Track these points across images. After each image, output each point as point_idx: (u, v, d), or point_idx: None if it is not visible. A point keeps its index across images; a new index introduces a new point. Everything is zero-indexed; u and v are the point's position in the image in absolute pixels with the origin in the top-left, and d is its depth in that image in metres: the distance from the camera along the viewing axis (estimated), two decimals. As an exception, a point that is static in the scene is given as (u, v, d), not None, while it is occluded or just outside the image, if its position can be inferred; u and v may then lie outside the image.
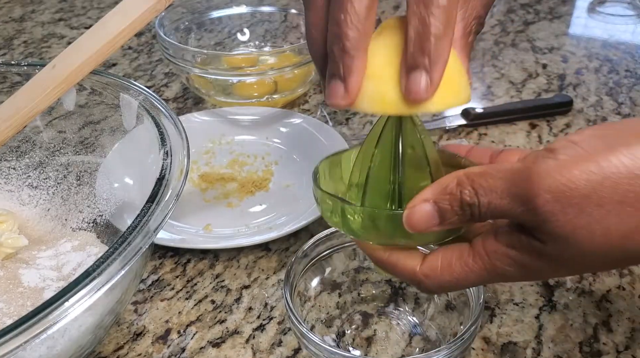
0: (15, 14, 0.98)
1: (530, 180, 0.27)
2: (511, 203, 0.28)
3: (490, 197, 0.29)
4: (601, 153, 0.27)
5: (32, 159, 0.51)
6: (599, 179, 0.26)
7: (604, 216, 0.26)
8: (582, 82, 0.74)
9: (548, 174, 0.27)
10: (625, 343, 0.42)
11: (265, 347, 0.43)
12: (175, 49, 0.67)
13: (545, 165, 0.27)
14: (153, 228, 0.34)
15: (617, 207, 0.26)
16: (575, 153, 0.27)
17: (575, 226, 0.27)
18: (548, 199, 0.27)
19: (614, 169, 0.26)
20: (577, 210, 0.27)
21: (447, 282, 0.32)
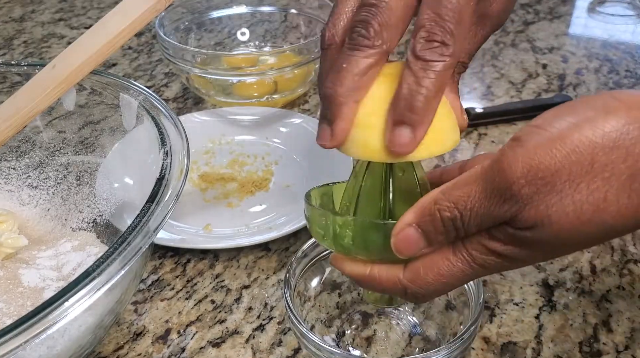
0: (15, 14, 0.98)
1: (502, 172, 0.28)
2: (491, 202, 0.28)
3: (469, 204, 0.29)
4: (564, 130, 0.27)
5: (32, 159, 0.51)
6: (565, 155, 0.27)
7: (575, 190, 0.27)
8: (582, 83, 0.74)
9: (518, 161, 0.27)
10: (625, 343, 0.42)
11: (265, 347, 0.43)
12: (175, 49, 0.67)
13: (513, 153, 0.28)
14: (153, 228, 0.34)
15: (586, 179, 0.27)
16: (539, 136, 0.28)
17: (549, 205, 0.27)
18: (523, 183, 0.27)
19: (578, 142, 0.27)
20: (550, 188, 0.27)
21: (433, 284, 0.32)
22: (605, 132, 0.27)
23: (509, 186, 0.28)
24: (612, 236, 0.30)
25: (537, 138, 0.28)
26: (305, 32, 0.79)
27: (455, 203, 0.29)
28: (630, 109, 0.27)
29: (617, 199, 0.27)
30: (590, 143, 0.27)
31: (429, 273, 0.31)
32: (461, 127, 0.34)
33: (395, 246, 0.31)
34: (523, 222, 0.28)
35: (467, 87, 0.75)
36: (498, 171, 0.28)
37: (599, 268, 0.48)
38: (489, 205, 0.28)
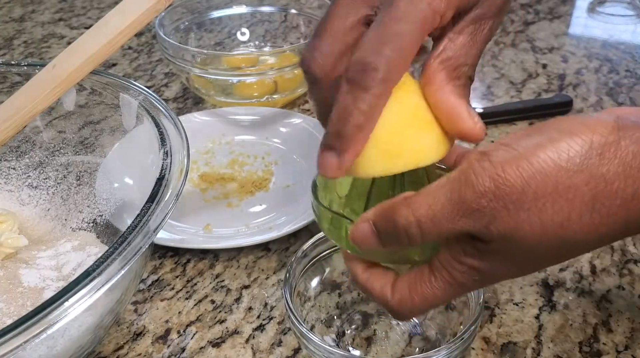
0: (15, 14, 0.98)
1: (470, 184, 0.28)
2: (456, 211, 0.29)
3: (430, 212, 0.29)
4: (530, 150, 0.28)
5: (32, 159, 0.51)
6: (531, 175, 0.28)
7: (541, 209, 0.28)
8: (582, 82, 0.74)
9: (485, 175, 0.28)
10: (625, 343, 0.42)
11: (265, 347, 0.43)
12: (175, 49, 0.67)
13: (481, 168, 0.28)
14: (153, 228, 0.34)
15: (550, 199, 0.28)
16: (507, 153, 0.29)
17: (517, 221, 0.28)
18: (491, 198, 0.28)
19: (543, 164, 0.28)
20: (518, 206, 0.28)
21: (419, 306, 0.32)
22: (569, 156, 0.28)
23: (476, 198, 0.28)
24: (578, 252, 0.31)
25: (505, 154, 0.29)
26: (305, 32, 0.79)
27: (414, 211, 0.30)
28: (594, 134, 0.28)
29: (580, 218, 0.28)
30: (555, 166, 0.28)
31: (416, 297, 0.32)
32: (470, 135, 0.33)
33: (352, 238, 0.32)
34: (493, 236, 0.29)
35: (467, 87, 0.75)
36: (465, 183, 0.29)
37: (599, 268, 0.48)
38: (452, 215, 0.29)
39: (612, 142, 0.28)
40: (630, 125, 0.29)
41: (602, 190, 0.28)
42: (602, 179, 0.28)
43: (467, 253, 0.30)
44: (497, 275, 0.32)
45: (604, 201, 0.28)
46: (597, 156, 0.28)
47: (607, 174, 0.28)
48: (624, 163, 0.28)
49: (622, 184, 0.28)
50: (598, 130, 0.28)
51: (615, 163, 0.28)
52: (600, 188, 0.28)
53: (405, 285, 0.32)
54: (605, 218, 0.28)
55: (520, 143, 0.29)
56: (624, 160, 0.28)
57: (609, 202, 0.28)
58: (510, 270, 0.32)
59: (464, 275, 0.31)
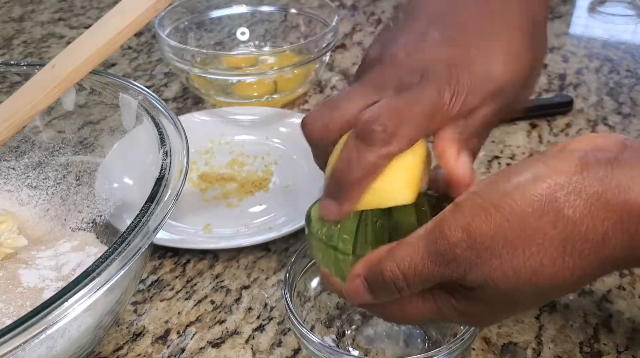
0: (14, 14, 0.98)
1: (443, 235, 0.30)
2: (434, 263, 0.30)
3: (412, 265, 0.31)
4: (496, 197, 0.29)
5: (31, 159, 0.51)
6: (499, 222, 0.29)
7: (512, 255, 0.29)
8: (583, 82, 0.74)
9: (457, 226, 0.29)
10: (626, 344, 0.42)
11: (265, 348, 0.43)
12: (175, 48, 0.67)
13: (453, 219, 0.30)
14: (152, 228, 0.34)
15: (521, 245, 0.29)
16: (475, 203, 0.29)
17: (491, 269, 0.29)
18: (464, 247, 0.29)
19: (510, 210, 0.29)
20: (490, 253, 0.29)
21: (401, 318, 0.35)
22: (534, 200, 0.28)
23: (450, 249, 0.29)
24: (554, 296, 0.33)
25: (473, 204, 0.29)
26: (305, 32, 0.79)
27: (398, 264, 0.31)
28: (558, 176, 0.28)
29: (553, 264, 0.29)
30: (521, 211, 0.28)
31: (401, 311, 0.34)
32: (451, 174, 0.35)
33: (347, 294, 0.34)
34: (470, 283, 0.30)
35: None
36: (439, 235, 0.30)
37: (599, 268, 0.48)
38: (432, 266, 0.30)
39: (575, 183, 0.28)
40: (593, 163, 0.29)
41: (570, 232, 0.28)
42: (569, 221, 0.28)
43: (455, 296, 0.32)
44: (480, 316, 0.33)
45: (574, 243, 0.28)
46: (562, 198, 0.28)
47: (574, 216, 0.28)
48: (589, 204, 0.28)
49: (591, 226, 0.28)
50: (561, 171, 0.29)
51: (580, 204, 0.28)
52: (569, 230, 0.28)
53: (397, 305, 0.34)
54: (579, 260, 0.28)
55: (488, 191, 0.30)
56: (589, 201, 0.28)
57: (580, 245, 0.28)
58: (492, 314, 0.33)
59: (450, 312, 0.33)
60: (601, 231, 0.28)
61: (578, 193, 0.28)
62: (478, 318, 0.33)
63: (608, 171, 0.28)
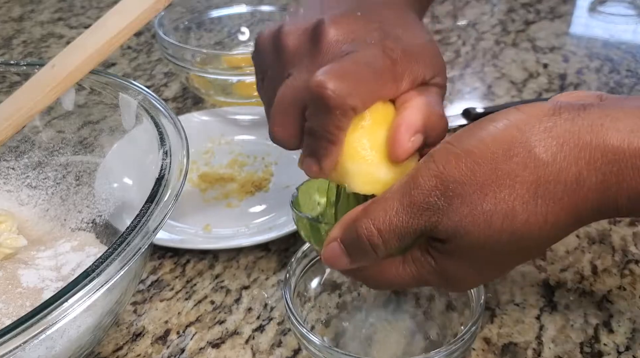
0: (14, 14, 0.98)
1: (417, 185, 0.29)
2: (409, 214, 0.30)
3: (387, 219, 0.30)
4: (469, 144, 0.29)
5: (31, 159, 0.51)
6: (470, 166, 0.28)
7: (483, 199, 0.28)
8: (583, 82, 0.74)
9: (431, 175, 0.29)
10: (626, 344, 0.42)
11: (265, 348, 0.43)
12: (175, 48, 0.67)
13: (426, 168, 0.29)
14: (152, 228, 0.34)
15: (492, 188, 0.28)
16: (449, 151, 0.29)
17: (461, 216, 0.29)
18: (437, 195, 0.29)
19: (480, 153, 0.28)
20: (461, 200, 0.28)
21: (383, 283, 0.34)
22: (504, 141, 0.28)
23: (424, 198, 0.29)
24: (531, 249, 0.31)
25: (447, 153, 0.29)
26: (305, 32, 0.78)
27: (373, 220, 0.30)
28: (530, 118, 0.28)
29: (525, 208, 0.28)
30: (491, 153, 0.28)
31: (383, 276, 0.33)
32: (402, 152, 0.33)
33: (324, 259, 0.33)
34: (442, 233, 0.29)
35: (467, 86, 0.75)
36: (413, 185, 0.29)
37: (600, 268, 0.48)
38: (407, 218, 0.30)
39: (547, 123, 0.28)
40: (566, 106, 0.28)
41: (542, 174, 0.27)
42: (540, 161, 0.27)
43: (431, 253, 0.31)
44: (460, 276, 0.32)
45: (547, 185, 0.27)
46: (533, 138, 0.27)
47: (545, 156, 0.27)
48: (561, 143, 0.27)
49: (564, 165, 0.27)
50: (534, 114, 0.28)
51: (552, 144, 0.27)
52: (541, 171, 0.27)
53: (377, 268, 0.33)
54: (552, 204, 0.28)
55: (462, 140, 0.29)
56: (560, 140, 0.27)
57: (552, 186, 0.27)
58: (472, 272, 0.32)
59: (429, 274, 0.32)
60: (574, 171, 0.27)
61: (549, 132, 0.27)
62: (458, 278, 0.32)
63: (581, 112, 0.28)
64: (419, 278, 0.32)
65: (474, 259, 0.31)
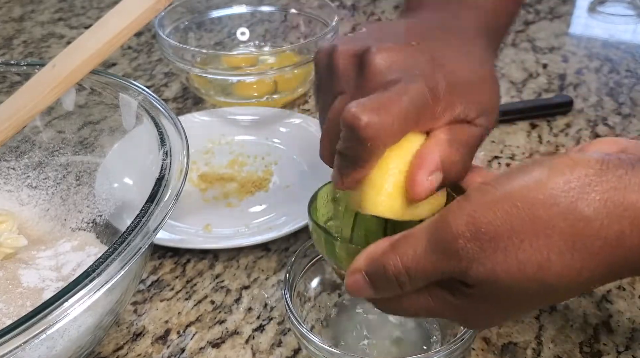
0: (14, 14, 0.98)
1: (447, 225, 0.28)
2: (437, 256, 0.29)
3: (415, 258, 0.29)
4: (509, 188, 0.28)
5: (31, 159, 0.51)
6: (507, 211, 0.27)
7: (518, 248, 0.27)
8: (583, 82, 0.74)
9: (463, 216, 0.28)
10: (626, 344, 0.42)
11: (265, 348, 0.43)
12: (175, 48, 0.67)
13: (460, 209, 0.28)
14: (152, 228, 0.34)
15: (528, 237, 0.27)
16: (487, 193, 0.28)
17: (495, 263, 0.27)
18: (468, 238, 0.27)
19: (520, 198, 0.27)
20: (494, 246, 0.27)
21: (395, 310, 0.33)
22: (546, 189, 0.27)
23: (453, 240, 0.28)
24: (561, 297, 0.30)
25: (485, 195, 0.28)
26: (305, 32, 0.79)
27: (401, 258, 0.30)
28: (576, 169, 0.27)
29: (560, 260, 0.27)
30: (531, 199, 0.27)
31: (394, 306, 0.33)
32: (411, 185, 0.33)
33: (347, 287, 0.33)
34: (472, 279, 0.28)
35: (467, 87, 0.75)
36: (443, 225, 0.28)
37: (599, 268, 0.48)
38: (435, 259, 0.29)
39: (593, 176, 0.27)
40: (614, 161, 0.27)
41: (582, 228, 0.27)
42: (581, 215, 0.26)
43: (454, 293, 0.30)
44: (479, 316, 0.32)
45: (585, 240, 0.27)
46: (577, 191, 0.27)
47: (587, 211, 0.26)
48: (605, 200, 0.26)
49: (605, 223, 0.26)
50: (581, 164, 0.27)
51: (596, 199, 0.26)
52: (581, 225, 0.27)
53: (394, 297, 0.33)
54: (588, 260, 0.27)
55: (504, 183, 0.28)
56: (605, 196, 0.26)
57: (590, 242, 0.27)
58: (492, 314, 0.31)
59: (448, 311, 0.31)
60: (616, 230, 0.26)
61: (594, 187, 0.27)
62: (477, 318, 0.32)
63: (629, 169, 0.27)
64: (436, 312, 0.32)
65: (498, 304, 0.30)
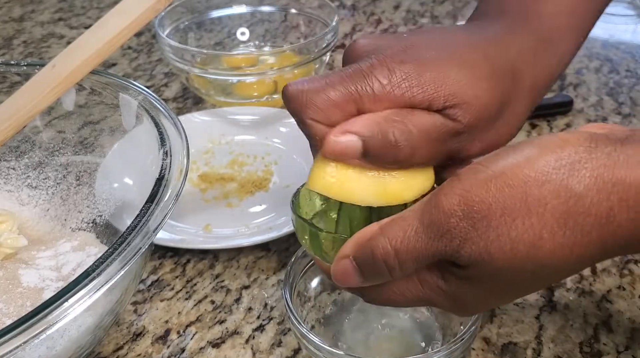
0: (14, 14, 0.98)
1: (439, 204, 0.28)
2: (428, 236, 0.28)
3: (405, 240, 0.29)
4: (502, 167, 0.28)
5: (31, 159, 0.51)
6: (499, 189, 0.27)
7: (510, 226, 0.27)
8: (583, 82, 0.74)
9: (455, 195, 0.28)
10: (626, 344, 0.42)
11: (265, 348, 0.43)
12: (175, 49, 0.67)
13: (451, 187, 0.28)
14: (152, 228, 0.34)
15: (520, 215, 0.27)
16: (478, 173, 0.28)
17: (487, 241, 0.27)
18: (460, 217, 0.27)
19: (512, 176, 0.27)
20: (486, 225, 0.27)
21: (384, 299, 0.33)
22: (538, 166, 0.27)
23: (445, 219, 0.28)
24: (555, 277, 0.30)
25: (477, 174, 0.28)
26: (305, 32, 0.79)
27: (390, 240, 0.29)
28: (566, 146, 0.27)
29: (552, 238, 0.27)
30: (523, 177, 0.27)
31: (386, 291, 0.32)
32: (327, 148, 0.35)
33: (334, 276, 0.32)
34: (464, 259, 0.28)
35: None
36: (435, 204, 0.28)
37: (599, 268, 0.48)
38: (426, 239, 0.28)
39: (582, 153, 0.27)
40: (603, 139, 0.28)
41: (573, 205, 0.27)
42: (572, 192, 0.27)
43: (445, 277, 0.30)
44: (471, 301, 0.31)
45: (576, 217, 0.27)
46: (567, 168, 0.27)
47: (578, 188, 0.26)
48: (595, 176, 0.26)
49: (595, 199, 0.26)
50: (571, 143, 0.27)
51: (586, 175, 0.26)
52: (572, 202, 0.27)
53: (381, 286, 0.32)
54: (580, 236, 0.27)
55: (495, 162, 0.28)
56: (595, 173, 0.26)
57: (582, 219, 0.27)
58: (484, 298, 0.31)
59: (439, 296, 0.31)
60: (606, 206, 0.26)
61: (584, 164, 0.27)
62: (469, 303, 0.31)
63: (617, 146, 0.27)
64: (426, 299, 0.31)
65: (491, 286, 0.30)
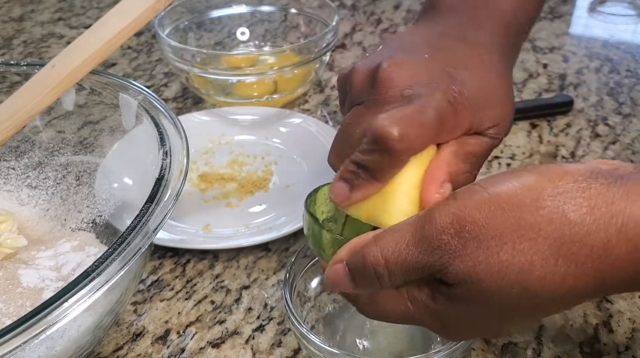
0: (14, 14, 0.98)
1: (432, 220, 0.28)
2: (419, 250, 0.29)
3: (397, 251, 0.29)
4: (500, 191, 0.28)
5: (31, 159, 0.51)
6: (493, 211, 0.27)
7: (500, 249, 0.27)
8: (583, 82, 0.74)
9: (449, 213, 0.28)
10: (626, 344, 0.42)
11: (265, 348, 0.43)
12: (175, 48, 0.67)
13: (446, 205, 0.28)
14: (152, 228, 0.34)
15: (512, 238, 0.27)
16: (475, 194, 0.28)
17: (476, 261, 0.27)
18: (451, 234, 0.28)
19: (507, 200, 0.27)
20: (476, 245, 0.27)
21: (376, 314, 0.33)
22: (534, 193, 0.27)
23: (437, 235, 0.28)
24: (541, 309, 0.29)
25: (473, 195, 0.28)
26: (305, 32, 0.79)
27: (381, 249, 0.29)
28: (566, 176, 0.27)
29: (543, 264, 0.26)
30: (518, 202, 0.27)
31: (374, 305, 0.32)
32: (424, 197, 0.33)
33: (327, 279, 0.32)
34: (451, 276, 0.28)
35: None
36: (429, 220, 0.28)
37: (599, 268, 0.48)
38: (417, 253, 0.29)
39: (582, 182, 0.27)
40: (604, 173, 0.27)
41: (568, 233, 0.26)
42: (566, 219, 0.26)
43: (433, 296, 0.30)
44: (458, 324, 0.31)
45: (570, 246, 0.26)
46: (564, 196, 0.27)
47: (573, 216, 0.26)
48: (592, 206, 0.26)
49: (592, 229, 0.26)
50: (570, 173, 0.27)
51: (583, 204, 0.26)
52: (566, 230, 0.26)
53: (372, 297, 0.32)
54: (573, 266, 0.26)
55: (491, 184, 0.28)
56: (592, 202, 0.26)
57: (576, 248, 0.26)
58: (472, 322, 0.31)
59: (426, 315, 0.31)
60: (603, 237, 0.26)
61: (582, 193, 0.26)
62: (456, 326, 0.31)
63: (618, 179, 0.27)
64: (413, 317, 0.31)
65: (478, 309, 0.29)
